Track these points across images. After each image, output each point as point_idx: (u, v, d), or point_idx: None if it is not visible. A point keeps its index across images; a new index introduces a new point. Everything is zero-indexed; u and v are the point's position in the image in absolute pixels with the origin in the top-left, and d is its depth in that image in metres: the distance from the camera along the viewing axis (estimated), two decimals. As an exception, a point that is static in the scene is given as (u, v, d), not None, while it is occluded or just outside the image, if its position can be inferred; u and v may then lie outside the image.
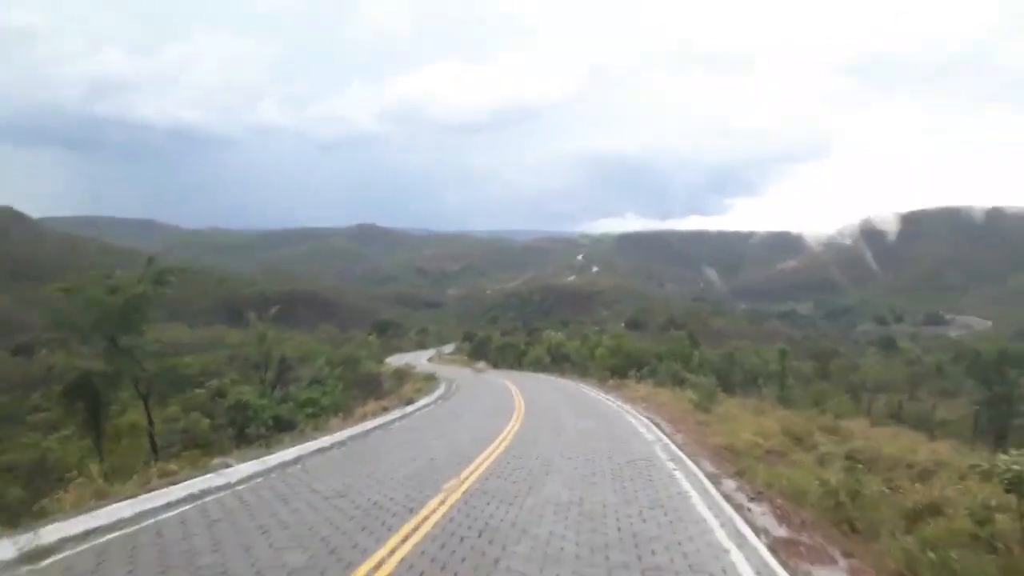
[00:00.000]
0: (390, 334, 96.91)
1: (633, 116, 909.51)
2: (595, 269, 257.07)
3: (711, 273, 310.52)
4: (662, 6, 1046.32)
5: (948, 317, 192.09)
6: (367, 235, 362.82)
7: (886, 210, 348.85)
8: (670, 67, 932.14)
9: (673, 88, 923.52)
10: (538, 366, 51.64)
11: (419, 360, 67.81)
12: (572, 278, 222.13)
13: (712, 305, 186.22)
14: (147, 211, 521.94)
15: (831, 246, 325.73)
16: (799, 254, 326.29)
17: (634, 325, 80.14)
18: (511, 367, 55.94)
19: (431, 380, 35.76)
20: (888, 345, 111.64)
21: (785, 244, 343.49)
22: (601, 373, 37.63)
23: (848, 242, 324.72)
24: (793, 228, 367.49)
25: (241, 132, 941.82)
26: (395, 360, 63.78)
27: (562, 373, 44.76)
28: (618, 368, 37.13)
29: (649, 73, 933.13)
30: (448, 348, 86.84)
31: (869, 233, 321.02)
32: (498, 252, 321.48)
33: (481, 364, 57.70)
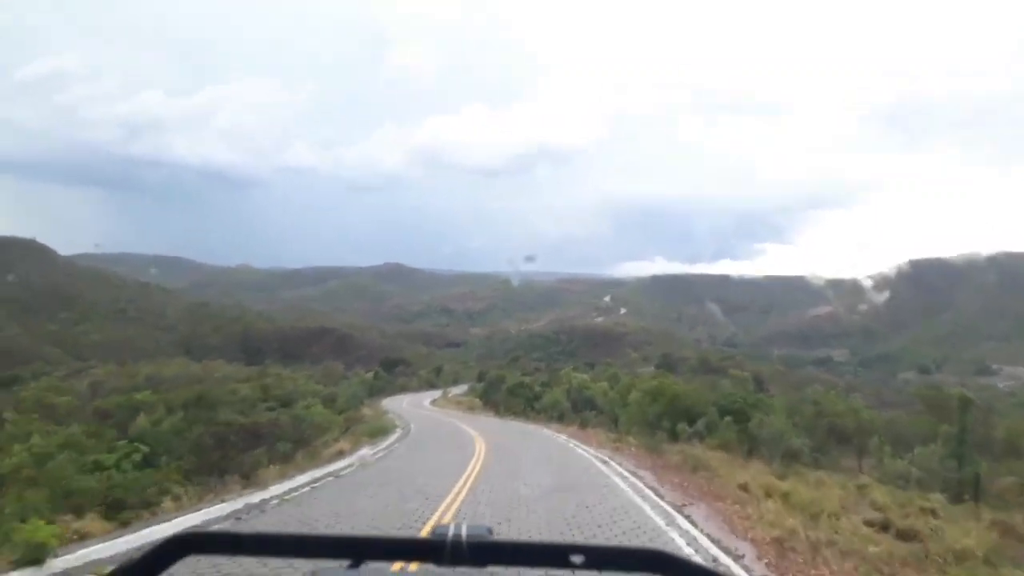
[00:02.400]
0: (397, 372, 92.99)
1: (660, 161, 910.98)
2: (623, 311, 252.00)
3: (716, 310, 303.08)
4: (690, 52, 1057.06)
5: (995, 367, 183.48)
6: (393, 274, 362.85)
7: (924, 257, 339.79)
8: (697, 112, 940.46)
9: (700, 133, 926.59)
10: (551, 414, 42.46)
11: (420, 402, 63.82)
12: (599, 319, 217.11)
13: (744, 350, 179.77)
14: (177, 249, 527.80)
15: (867, 292, 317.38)
16: (833, 300, 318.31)
17: (665, 367, 74.99)
18: (519, 414, 46.71)
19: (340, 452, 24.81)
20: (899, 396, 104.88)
21: (818, 290, 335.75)
22: (636, 428, 28.98)
23: (885, 289, 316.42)
24: (826, 274, 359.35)
25: (271, 173, 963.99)
26: (387, 403, 60.13)
27: (582, 426, 35.57)
28: (660, 420, 29.53)
29: (676, 118, 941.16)
30: (459, 389, 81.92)
31: (907, 280, 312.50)
32: (523, 293, 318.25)
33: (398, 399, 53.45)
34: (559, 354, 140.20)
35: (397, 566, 1.60)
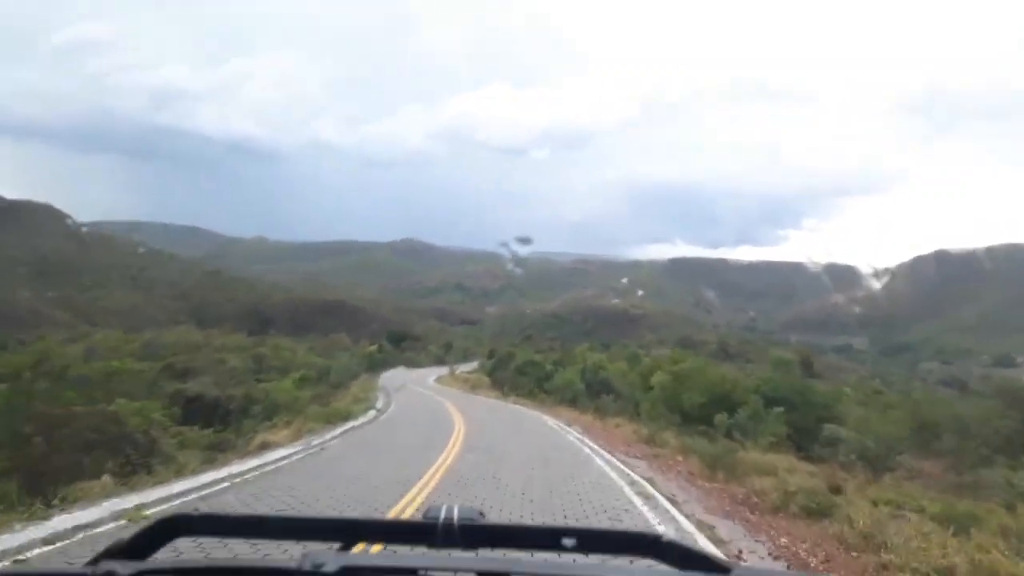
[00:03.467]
0: (405, 346, 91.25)
1: (685, 144, 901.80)
2: (640, 293, 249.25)
3: (711, 297, 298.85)
4: (719, 35, 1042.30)
5: (1020, 359, 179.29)
6: (411, 250, 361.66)
7: (949, 247, 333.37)
8: (724, 96, 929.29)
9: (727, 118, 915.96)
10: (563, 396, 37.45)
11: (423, 379, 60.94)
12: (616, 301, 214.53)
13: (761, 336, 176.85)
14: (195, 219, 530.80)
15: (889, 281, 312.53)
16: (854, 288, 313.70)
17: (683, 350, 72.66)
18: (528, 395, 41.87)
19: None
20: (961, 387, 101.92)
21: (839, 277, 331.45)
22: (660, 418, 23.96)
23: (907, 278, 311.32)
24: (848, 262, 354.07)
25: (294, 147, 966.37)
26: (386, 377, 57.93)
27: (601, 415, 28.80)
28: (691, 407, 25.16)
29: (702, 101, 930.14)
30: (468, 366, 79.94)
31: (930, 269, 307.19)
32: (540, 273, 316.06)
33: (400, 372, 49.82)
34: (574, 335, 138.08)
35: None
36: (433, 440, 19.32)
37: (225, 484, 12.01)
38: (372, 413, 28.09)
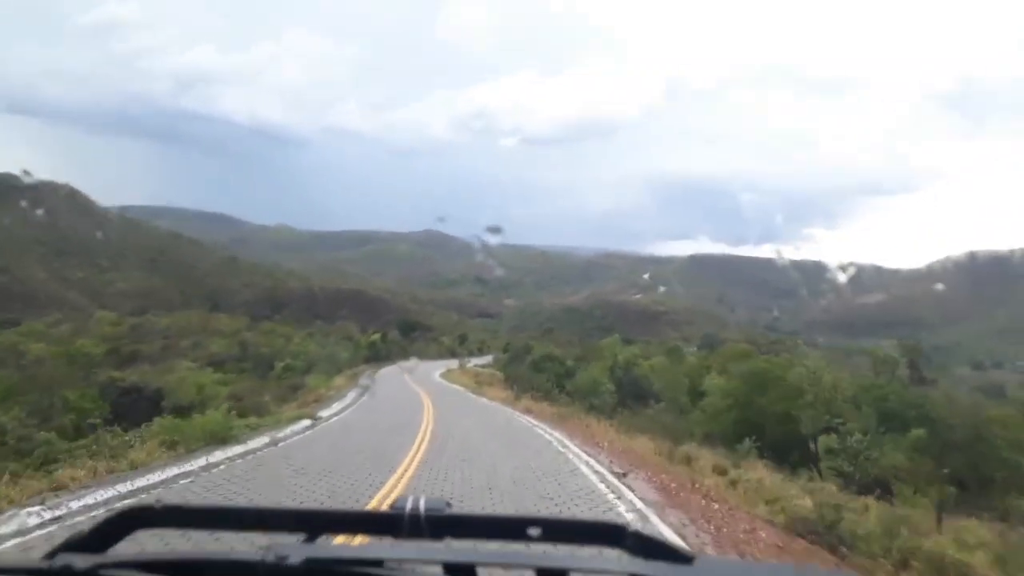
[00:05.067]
0: (415, 337, 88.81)
1: (711, 137, 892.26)
2: (662, 289, 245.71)
3: (734, 294, 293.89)
4: (747, 26, 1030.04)
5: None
6: (431, 241, 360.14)
7: (983, 248, 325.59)
8: (751, 89, 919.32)
9: (754, 111, 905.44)
10: (589, 401, 30.56)
11: (427, 374, 54.28)
12: (637, 296, 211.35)
13: (785, 335, 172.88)
14: (219, 205, 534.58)
15: (919, 282, 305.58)
16: (882, 289, 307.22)
17: (708, 349, 69.82)
18: (544, 396, 33.86)
19: None
20: (997, 393, 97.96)
21: (866, 278, 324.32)
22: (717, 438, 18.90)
23: (937, 279, 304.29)
24: (876, 262, 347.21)
25: (318, 133, 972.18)
26: (385, 371, 53.57)
27: (671, 441, 18.61)
28: (769, 423, 19.12)
29: (729, 94, 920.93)
30: (482, 360, 76.14)
31: (962, 271, 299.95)
32: (560, 266, 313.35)
33: (412, 361, 44.78)
34: (594, 329, 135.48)
35: (354, 540, 1.54)
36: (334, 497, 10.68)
37: None
38: (302, 425, 20.08)
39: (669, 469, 14.33)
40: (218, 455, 13.63)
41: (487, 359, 77.76)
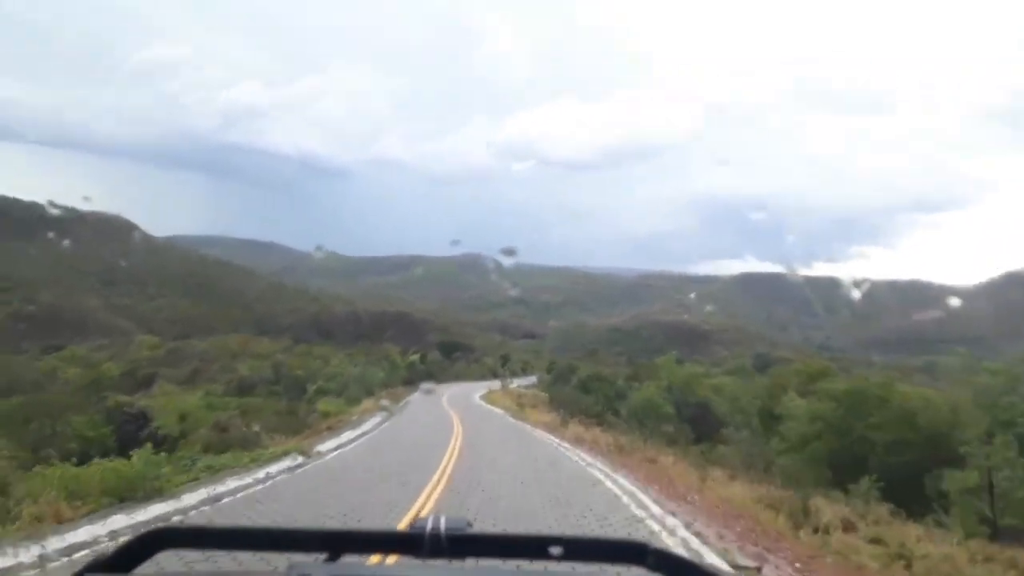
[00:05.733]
0: (456, 357, 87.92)
1: (754, 157, 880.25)
2: (709, 308, 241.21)
3: (783, 313, 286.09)
4: (787, 44, 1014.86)
5: None
6: (473, 265, 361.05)
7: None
8: (794, 107, 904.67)
9: (797, 129, 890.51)
10: (652, 428, 26.77)
11: (466, 396, 51.57)
12: (685, 316, 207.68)
13: (838, 355, 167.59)
14: (267, 234, 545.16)
15: (977, 298, 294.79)
16: (938, 305, 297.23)
17: (761, 369, 67.15)
18: (595, 421, 30.71)
19: None
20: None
21: (920, 294, 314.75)
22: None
23: (996, 294, 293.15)
24: (931, 278, 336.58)
25: (360, 164, 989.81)
26: (427, 385, 51.40)
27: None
28: (882, 458, 15.62)
29: (771, 113, 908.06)
30: (526, 380, 74.03)
31: (1016, 287, 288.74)
32: (604, 287, 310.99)
33: (428, 385, 42.72)
34: (641, 350, 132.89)
35: (375, 559, 1.58)
36: None
37: None
38: (284, 465, 16.47)
39: (799, 539, 10.35)
40: (98, 528, 9.43)
41: (531, 379, 76.01)
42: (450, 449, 19.97)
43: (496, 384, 64.00)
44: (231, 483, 13.68)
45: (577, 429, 27.74)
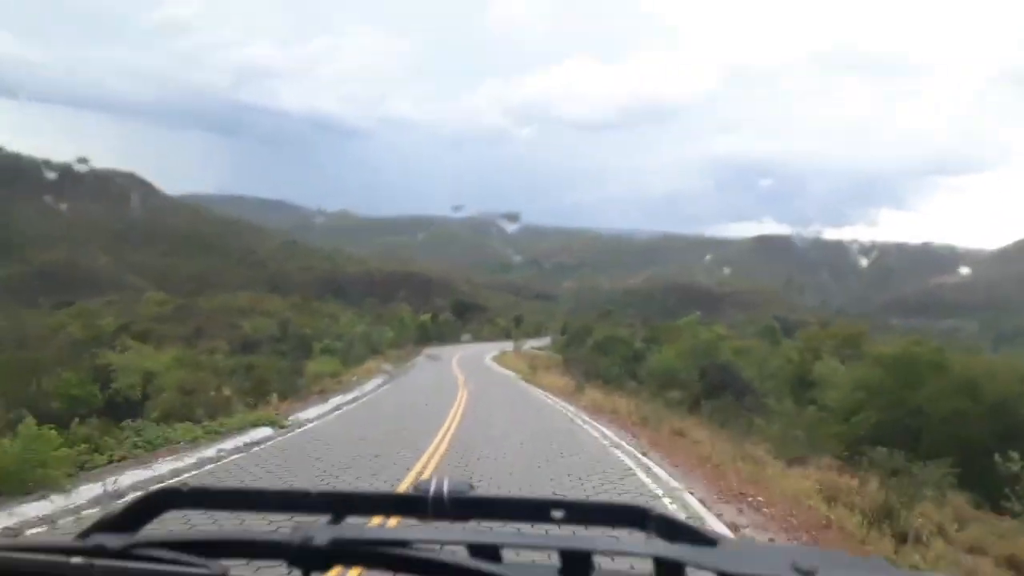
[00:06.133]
0: (469, 317, 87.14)
1: (773, 118, 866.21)
2: (726, 271, 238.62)
3: (801, 276, 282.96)
4: (808, 6, 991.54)
5: None
6: (487, 225, 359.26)
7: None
8: (814, 69, 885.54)
9: (817, 91, 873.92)
10: (675, 395, 25.41)
11: (477, 356, 50.46)
12: (700, 278, 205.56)
13: (856, 318, 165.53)
14: (281, 193, 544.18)
15: (999, 262, 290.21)
16: (959, 270, 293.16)
17: (781, 332, 65.65)
18: (614, 386, 28.98)
19: None
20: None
21: (941, 258, 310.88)
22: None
23: (1015, 260, 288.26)
24: (952, 242, 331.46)
25: (374, 123, 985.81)
26: (432, 352, 50.24)
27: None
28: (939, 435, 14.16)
29: (791, 75, 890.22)
30: (539, 342, 73.13)
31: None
32: (619, 249, 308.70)
33: (433, 351, 42.03)
34: (656, 312, 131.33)
35: (378, 520, 1.58)
36: None
37: None
38: (243, 440, 13.95)
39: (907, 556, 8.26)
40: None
41: (544, 341, 74.76)
42: (449, 419, 18.05)
43: (508, 345, 62.35)
44: (160, 467, 10.80)
45: (594, 395, 25.86)
